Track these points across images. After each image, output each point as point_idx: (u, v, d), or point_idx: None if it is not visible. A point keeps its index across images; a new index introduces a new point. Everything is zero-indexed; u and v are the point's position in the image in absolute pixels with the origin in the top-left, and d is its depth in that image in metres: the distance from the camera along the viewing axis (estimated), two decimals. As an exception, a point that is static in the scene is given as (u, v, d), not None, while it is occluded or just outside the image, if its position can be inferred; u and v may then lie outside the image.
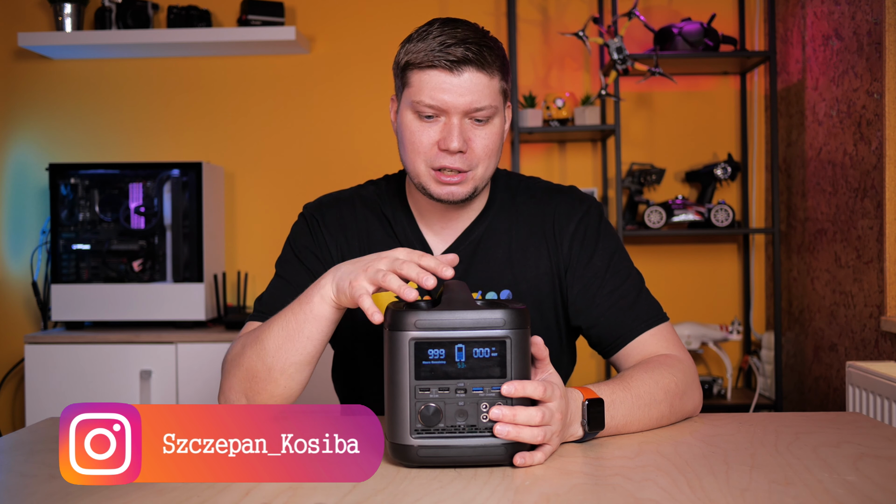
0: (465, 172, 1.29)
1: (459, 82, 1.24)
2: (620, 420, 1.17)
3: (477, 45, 1.25)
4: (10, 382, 3.32)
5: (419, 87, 1.26)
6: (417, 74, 1.27)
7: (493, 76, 1.27)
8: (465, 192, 1.31)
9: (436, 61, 1.24)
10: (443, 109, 1.26)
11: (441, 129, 1.27)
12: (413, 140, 1.29)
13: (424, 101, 1.26)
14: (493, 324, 1.00)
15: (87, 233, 3.00)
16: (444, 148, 1.27)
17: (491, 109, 1.27)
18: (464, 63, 1.24)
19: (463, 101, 1.25)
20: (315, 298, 1.17)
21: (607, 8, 3.22)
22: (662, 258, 3.29)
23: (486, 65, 1.25)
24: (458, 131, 1.26)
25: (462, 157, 1.27)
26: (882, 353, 2.42)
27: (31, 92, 3.35)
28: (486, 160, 1.30)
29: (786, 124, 3.12)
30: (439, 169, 1.28)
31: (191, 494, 0.94)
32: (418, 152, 1.29)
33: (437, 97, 1.25)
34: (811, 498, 0.90)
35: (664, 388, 1.23)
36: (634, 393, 1.20)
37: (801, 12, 2.96)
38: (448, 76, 1.24)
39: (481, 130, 1.28)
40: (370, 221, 1.43)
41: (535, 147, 3.31)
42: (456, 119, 1.26)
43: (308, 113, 3.33)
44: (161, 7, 3.27)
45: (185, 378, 2.84)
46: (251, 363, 1.23)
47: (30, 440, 1.21)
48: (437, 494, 0.93)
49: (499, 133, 1.31)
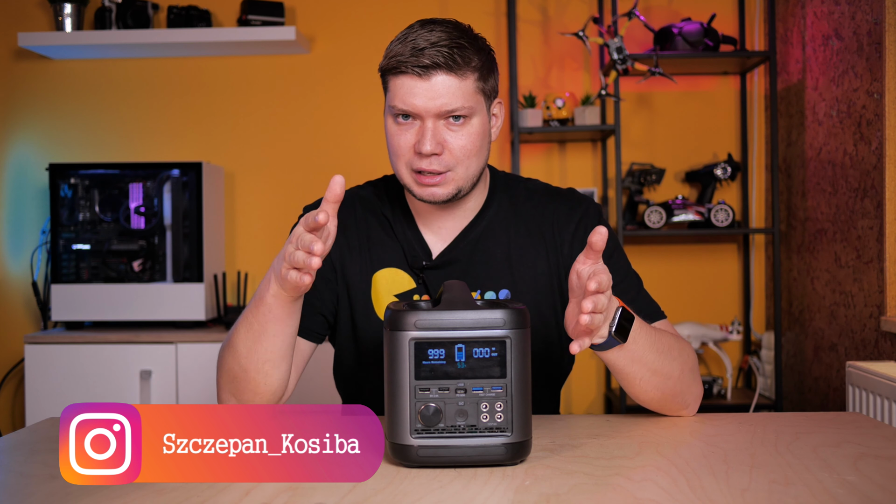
0: (444, 173, 1.30)
1: (429, 86, 1.26)
2: (639, 349, 1.20)
3: (448, 47, 1.26)
4: (10, 382, 3.32)
5: (394, 93, 1.29)
6: (392, 80, 1.30)
7: (464, 77, 1.27)
8: (447, 193, 1.32)
9: (404, 67, 1.26)
10: (416, 113, 1.28)
11: (416, 132, 1.29)
12: (393, 143, 1.32)
13: (398, 107, 1.28)
14: (493, 324, 1.01)
15: (87, 233, 3.00)
16: (417, 151, 1.28)
17: (465, 110, 1.28)
18: (432, 68, 1.25)
19: (434, 104, 1.26)
20: (268, 298, 1.20)
21: (607, 8, 3.22)
22: (662, 258, 3.29)
23: (457, 67, 1.26)
24: (430, 134, 1.27)
25: (438, 158, 1.29)
26: (882, 353, 2.42)
27: (31, 92, 3.35)
28: (466, 160, 1.31)
29: (786, 124, 3.12)
30: (419, 171, 1.30)
31: (191, 494, 0.94)
32: (398, 155, 1.32)
33: (409, 101, 1.27)
34: (811, 498, 0.90)
35: (680, 350, 1.28)
36: (658, 337, 1.24)
37: (801, 12, 2.96)
38: (418, 81, 1.26)
39: (458, 131, 1.29)
40: (369, 222, 1.44)
41: (534, 147, 3.31)
42: (430, 122, 1.27)
43: (308, 113, 3.33)
44: (161, 7, 3.27)
45: (185, 378, 2.84)
46: (229, 366, 1.27)
47: (30, 440, 1.21)
48: (437, 494, 0.93)
49: (478, 133, 1.31)
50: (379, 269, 1.40)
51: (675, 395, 1.27)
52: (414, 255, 1.39)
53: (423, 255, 1.40)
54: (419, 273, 1.39)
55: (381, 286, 1.40)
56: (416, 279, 1.39)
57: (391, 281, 1.40)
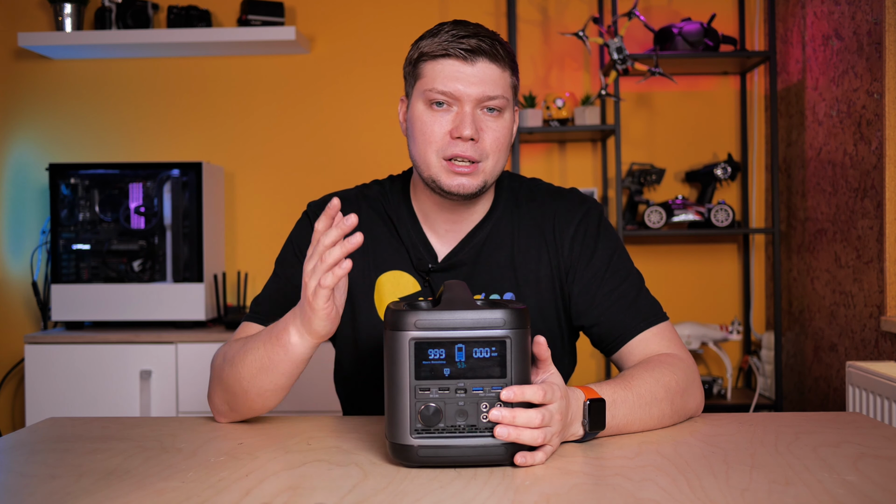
0: (477, 163, 1.29)
1: (473, 71, 1.26)
2: (622, 419, 1.17)
3: (490, 38, 1.28)
4: (10, 382, 3.32)
5: (433, 77, 1.28)
6: (431, 64, 1.28)
7: (504, 69, 1.29)
8: (476, 185, 1.30)
9: (450, 49, 1.26)
10: (456, 97, 1.27)
11: (453, 117, 1.28)
12: (425, 130, 1.29)
13: (437, 89, 1.27)
14: (493, 324, 1.00)
15: (87, 233, 3.00)
16: (456, 136, 1.27)
17: (502, 100, 1.29)
18: (477, 53, 1.26)
19: (476, 90, 1.26)
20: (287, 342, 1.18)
21: (607, 8, 3.22)
22: (662, 258, 3.29)
23: (499, 57, 1.28)
24: (470, 119, 1.26)
25: (474, 145, 1.28)
26: (882, 353, 2.42)
27: (31, 92, 3.35)
28: (496, 153, 1.30)
29: (786, 124, 3.12)
30: (451, 159, 1.28)
31: (191, 494, 0.93)
32: (430, 142, 1.29)
33: (451, 85, 1.26)
34: (811, 498, 0.90)
35: (665, 387, 1.23)
36: (636, 392, 1.20)
37: (801, 12, 2.96)
38: (462, 65, 1.26)
39: (493, 122, 1.29)
40: (374, 222, 1.43)
41: (535, 147, 3.31)
42: (468, 108, 1.27)
43: (308, 113, 3.33)
44: (161, 7, 3.27)
45: (184, 378, 2.84)
46: (229, 383, 1.26)
47: (30, 440, 1.21)
48: (437, 494, 0.93)
49: (509, 128, 1.32)
50: (384, 271, 1.40)
51: (675, 420, 1.26)
52: (419, 257, 1.38)
53: (429, 258, 1.39)
54: (425, 276, 1.38)
55: (385, 289, 1.39)
56: (421, 282, 1.39)
57: (396, 284, 1.39)
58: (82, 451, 1.13)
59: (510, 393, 1.00)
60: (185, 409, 2.85)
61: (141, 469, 1.04)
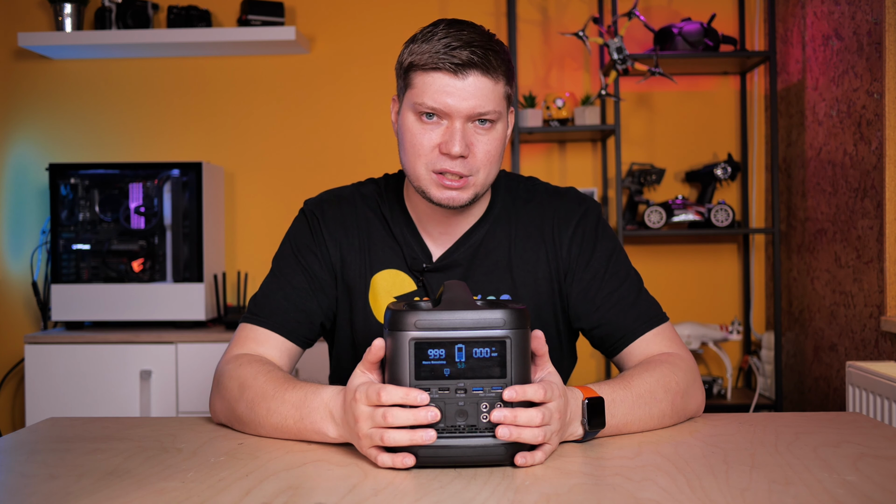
0: (467, 178, 1.26)
1: (463, 86, 1.22)
2: (621, 419, 1.17)
3: (483, 48, 1.22)
4: (10, 382, 3.32)
5: (422, 89, 1.24)
6: (421, 76, 1.24)
7: (497, 81, 1.24)
8: (466, 198, 1.28)
9: (440, 63, 1.22)
10: (445, 113, 1.23)
11: (443, 132, 1.25)
12: (414, 142, 1.27)
13: (427, 104, 1.23)
14: (493, 324, 1.00)
15: (87, 233, 3.00)
16: (445, 152, 1.24)
17: (494, 115, 1.25)
18: (468, 66, 1.21)
19: (466, 105, 1.22)
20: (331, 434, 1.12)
21: (607, 8, 3.22)
22: (662, 258, 3.29)
23: (492, 69, 1.23)
24: (460, 135, 1.23)
25: (463, 161, 1.25)
26: (882, 353, 2.42)
27: (31, 92, 3.35)
28: (488, 166, 1.27)
29: (786, 124, 3.12)
30: (440, 172, 1.26)
31: (191, 494, 0.93)
32: (419, 155, 1.26)
33: (440, 100, 1.22)
34: (811, 498, 0.90)
35: (665, 387, 1.22)
36: (635, 392, 1.19)
37: (801, 12, 2.96)
38: (452, 79, 1.22)
39: (484, 136, 1.26)
40: (370, 220, 1.42)
41: (535, 147, 3.31)
42: (458, 123, 1.23)
43: (308, 113, 3.33)
44: (161, 7, 3.27)
45: (184, 378, 2.84)
46: (239, 414, 1.22)
47: (30, 440, 1.21)
48: (437, 494, 0.93)
49: (501, 139, 1.29)
50: (378, 270, 1.39)
51: (676, 420, 1.25)
52: (414, 257, 1.38)
53: (423, 258, 1.38)
54: (419, 275, 1.38)
55: (380, 287, 1.39)
56: (416, 281, 1.38)
57: (391, 283, 1.38)
58: (82, 451, 1.13)
59: (512, 392, 1.00)
60: (185, 409, 2.85)
61: (141, 469, 1.04)
